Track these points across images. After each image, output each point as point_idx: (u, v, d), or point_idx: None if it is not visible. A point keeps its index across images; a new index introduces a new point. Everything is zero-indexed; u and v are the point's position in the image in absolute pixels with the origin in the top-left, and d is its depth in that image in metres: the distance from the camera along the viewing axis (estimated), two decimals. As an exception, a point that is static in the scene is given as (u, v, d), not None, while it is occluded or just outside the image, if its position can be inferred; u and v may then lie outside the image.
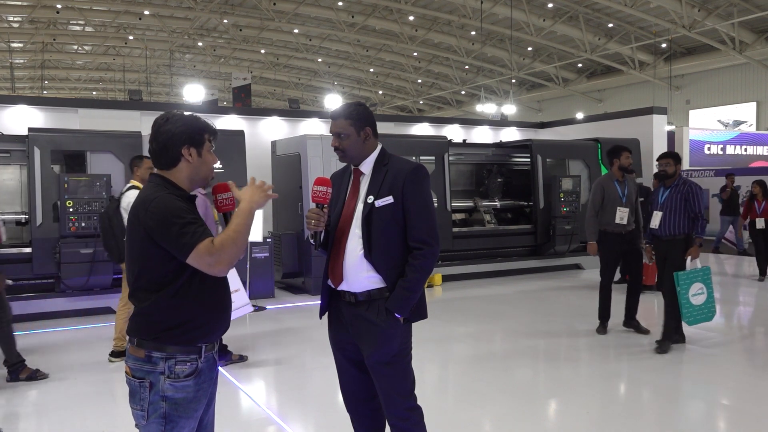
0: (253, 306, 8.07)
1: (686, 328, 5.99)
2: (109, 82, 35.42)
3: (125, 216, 5.29)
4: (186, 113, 2.28)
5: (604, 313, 6.44)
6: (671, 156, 5.88)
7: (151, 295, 2.13)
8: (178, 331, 2.13)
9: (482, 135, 14.12)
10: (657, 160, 5.92)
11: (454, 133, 13.39)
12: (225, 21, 25.19)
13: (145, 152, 6.78)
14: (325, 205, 2.68)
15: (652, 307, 7.79)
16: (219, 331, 2.26)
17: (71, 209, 7.41)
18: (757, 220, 10.07)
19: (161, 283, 2.10)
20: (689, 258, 5.76)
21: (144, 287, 2.15)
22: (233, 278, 5.22)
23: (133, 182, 5.67)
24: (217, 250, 2.04)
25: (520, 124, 15.43)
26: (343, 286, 2.72)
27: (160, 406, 2.11)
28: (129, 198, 5.10)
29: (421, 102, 39.24)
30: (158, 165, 2.25)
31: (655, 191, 6.04)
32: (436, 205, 9.73)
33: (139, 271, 2.15)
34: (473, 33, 26.15)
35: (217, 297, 2.24)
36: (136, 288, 2.17)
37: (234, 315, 4.87)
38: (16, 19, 25.23)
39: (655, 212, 5.84)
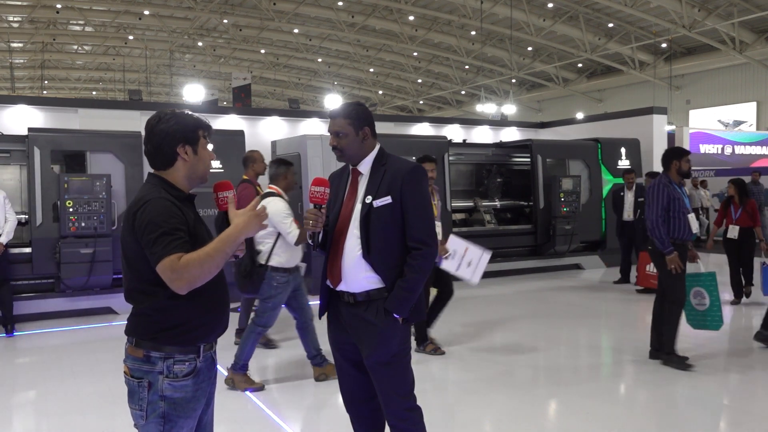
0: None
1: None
2: (109, 82, 35.42)
3: None
4: (177, 111, 2.26)
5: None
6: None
7: (148, 296, 2.13)
8: (176, 332, 2.13)
9: (482, 135, 14.12)
10: (680, 158, 5.36)
11: (454, 133, 13.39)
12: (225, 21, 25.19)
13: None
14: (323, 206, 2.67)
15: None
16: (217, 331, 2.26)
17: (71, 209, 7.41)
18: (730, 227, 7.98)
19: (156, 284, 2.09)
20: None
21: (140, 288, 2.14)
22: (456, 242, 5.31)
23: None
24: (179, 267, 1.96)
25: (520, 124, 15.43)
26: (341, 287, 2.72)
27: (158, 406, 2.11)
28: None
29: (421, 102, 39.24)
30: (154, 165, 2.24)
31: (673, 192, 5.25)
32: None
33: (133, 272, 2.15)
34: (473, 33, 26.15)
35: (215, 297, 2.23)
36: (133, 289, 2.17)
37: (481, 267, 5.06)
38: (16, 19, 25.23)
39: (690, 215, 5.30)
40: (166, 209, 2.08)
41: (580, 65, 29.82)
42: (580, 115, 20.13)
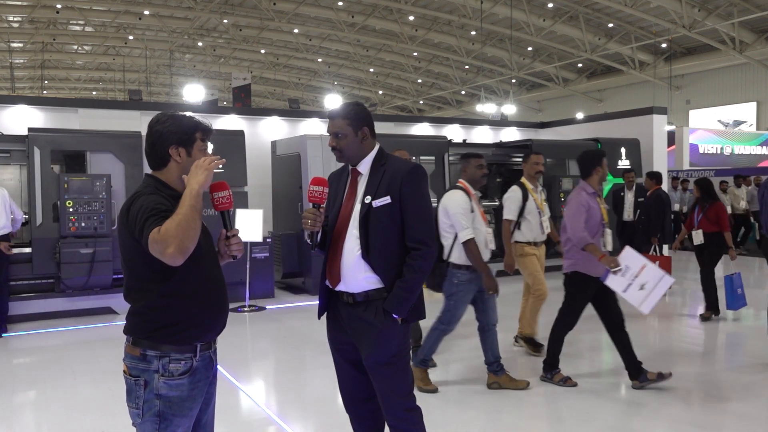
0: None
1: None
2: (109, 82, 35.42)
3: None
4: (180, 113, 2.27)
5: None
6: None
7: (144, 294, 2.14)
8: (171, 330, 2.14)
9: (482, 135, 14.11)
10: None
11: (454, 133, 13.39)
12: (225, 21, 25.19)
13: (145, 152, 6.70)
14: (322, 205, 2.67)
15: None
16: (214, 330, 2.26)
17: (71, 209, 7.41)
18: (693, 233, 7.21)
19: (151, 282, 2.10)
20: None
21: (137, 287, 2.16)
22: (632, 256, 4.49)
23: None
24: (161, 236, 1.95)
25: (520, 124, 15.43)
26: (340, 287, 2.72)
27: (154, 404, 2.12)
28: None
29: (421, 102, 39.24)
30: (150, 165, 2.27)
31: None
32: (435, 205, 9.74)
33: (129, 270, 2.17)
34: (473, 33, 26.15)
35: (212, 296, 2.24)
36: (130, 287, 2.18)
37: (656, 294, 4.36)
38: (16, 19, 25.23)
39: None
40: (154, 199, 2.10)
41: (580, 65, 29.82)
42: (580, 115, 20.13)
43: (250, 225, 7.76)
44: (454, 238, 4.55)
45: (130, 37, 27.71)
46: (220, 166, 2.18)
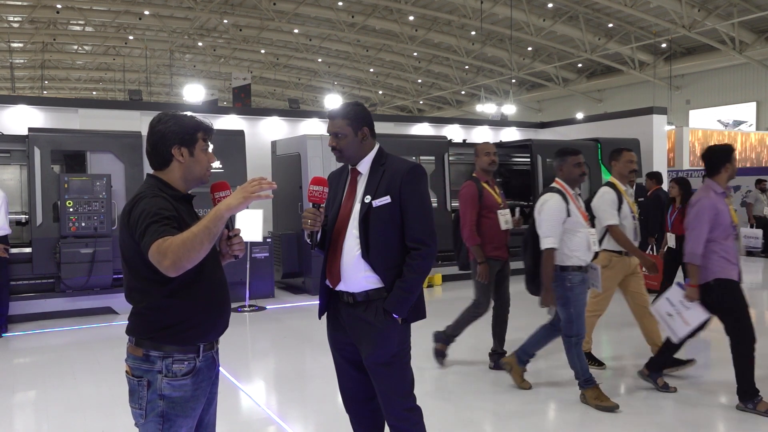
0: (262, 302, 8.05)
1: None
2: (109, 82, 35.41)
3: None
4: (181, 113, 2.27)
5: None
6: None
7: (145, 294, 2.14)
8: (174, 330, 2.14)
9: (482, 135, 14.11)
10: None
11: (454, 133, 13.39)
12: (225, 21, 25.19)
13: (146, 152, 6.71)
14: (322, 205, 2.67)
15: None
16: (216, 330, 2.26)
17: (71, 209, 7.41)
18: (667, 235, 6.95)
19: (153, 283, 2.10)
20: None
21: (138, 287, 2.16)
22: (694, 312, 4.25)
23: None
24: (164, 248, 1.92)
25: (520, 124, 15.43)
26: (340, 287, 2.72)
27: (157, 405, 2.12)
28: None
29: (421, 102, 39.24)
30: (152, 165, 2.26)
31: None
32: (435, 205, 9.77)
33: (131, 271, 2.16)
34: (473, 33, 26.15)
35: (213, 297, 2.23)
36: (131, 288, 2.18)
37: (684, 329, 4.19)
38: (16, 19, 25.22)
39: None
40: (157, 203, 2.09)
41: (580, 65, 29.82)
42: (580, 115, 20.12)
43: (251, 225, 7.76)
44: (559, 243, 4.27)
45: (130, 37, 27.70)
46: (220, 166, 2.17)
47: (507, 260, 5.29)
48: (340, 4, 23.95)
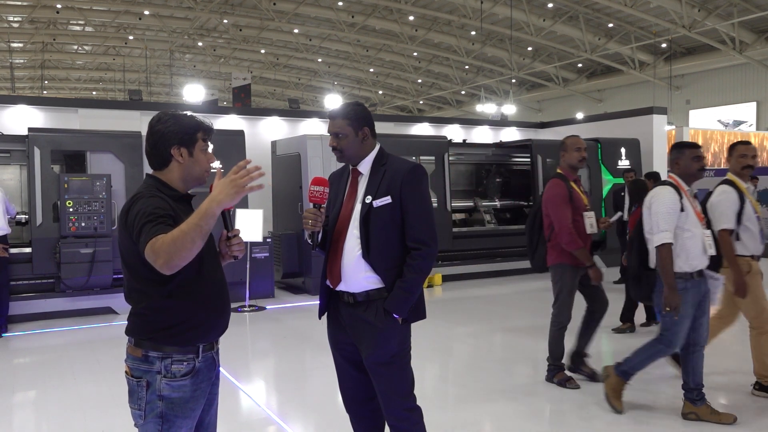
0: (254, 306, 8.07)
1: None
2: (109, 82, 35.40)
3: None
4: (180, 112, 2.25)
5: None
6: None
7: (145, 295, 2.13)
8: (174, 331, 2.13)
9: (482, 135, 14.12)
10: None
11: (454, 133, 13.40)
12: (225, 21, 25.19)
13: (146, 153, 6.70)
14: (323, 205, 2.67)
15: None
16: (216, 331, 2.25)
17: (71, 209, 7.42)
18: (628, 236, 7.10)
19: (152, 283, 2.09)
20: None
21: (138, 288, 2.15)
22: None
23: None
24: (156, 247, 1.91)
25: (520, 124, 15.43)
26: (341, 287, 2.72)
27: (156, 406, 2.11)
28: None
29: (421, 102, 39.23)
30: (151, 165, 2.25)
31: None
32: (435, 205, 9.77)
33: (130, 271, 2.16)
34: (473, 33, 26.14)
35: (214, 297, 2.23)
36: (131, 288, 2.17)
37: None
38: (16, 19, 25.22)
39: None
40: (153, 203, 2.08)
41: (580, 65, 29.82)
42: (580, 115, 20.13)
43: (250, 225, 7.77)
44: None
45: (130, 37, 27.70)
46: (220, 166, 2.16)
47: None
48: (340, 4, 23.95)
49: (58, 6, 23.17)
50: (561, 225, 4.60)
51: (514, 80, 31.86)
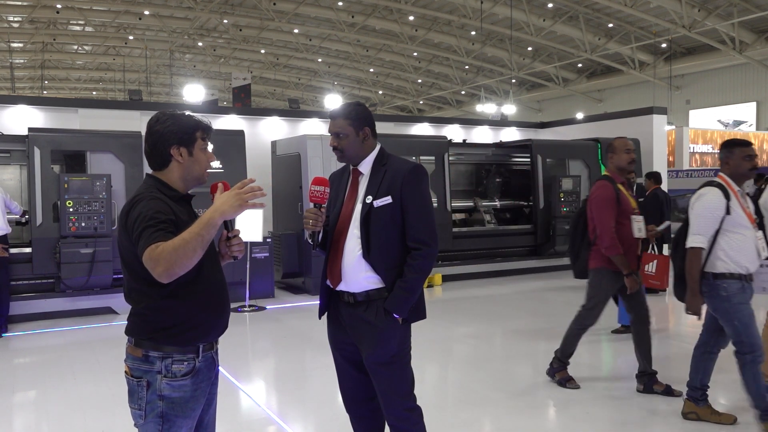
0: (254, 306, 8.07)
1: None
2: (109, 82, 35.41)
3: None
4: (179, 112, 2.25)
5: None
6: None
7: (145, 296, 2.13)
8: (174, 331, 2.13)
9: (482, 135, 14.12)
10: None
11: (454, 133, 13.39)
12: (225, 21, 25.19)
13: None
14: (323, 205, 2.67)
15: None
16: (216, 331, 2.26)
17: (71, 209, 7.42)
18: None
19: (152, 284, 2.08)
20: None
21: (137, 288, 2.15)
22: None
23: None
24: (156, 255, 1.91)
25: (520, 124, 15.43)
26: (341, 287, 2.72)
27: (157, 405, 2.11)
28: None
29: (421, 102, 39.24)
30: (151, 165, 2.25)
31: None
32: (435, 205, 9.77)
33: (130, 272, 2.16)
34: (473, 33, 26.15)
35: (214, 297, 2.23)
36: (131, 289, 2.17)
37: None
38: (16, 19, 25.22)
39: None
40: (154, 206, 2.07)
41: (580, 65, 29.83)
42: (580, 115, 20.13)
43: (250, 225, 7.76)
44: (712, 243, 3.75)
45: (130, 37, 27.70)
46: (220, 166, 2.15)
47: (637, 271, 4.60)
48: (340, 4, 23.95)
49: (58, 6, 23.17)
50: (603, 228, 4.45)
51: (514, 80, 31.86)
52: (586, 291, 4.74)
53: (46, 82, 34.70)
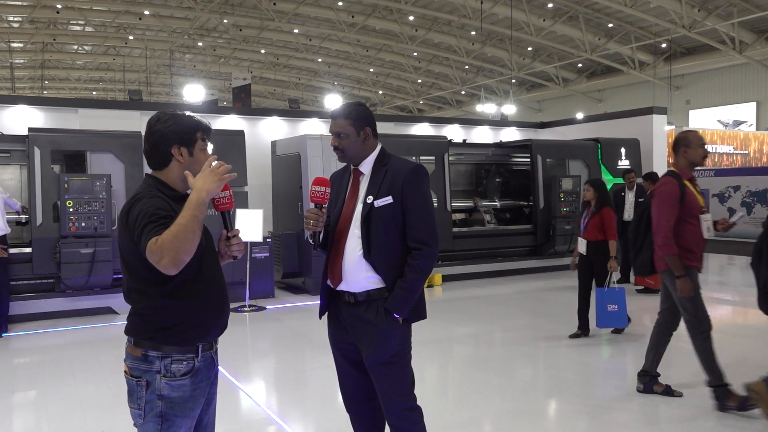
0: (253, 306, 8.07)
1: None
2: (109, 82, 35.41)
3: None
4: (179, 112, 2.26)
5: None
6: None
7: (144, 295, 2.13)
8: (173, 331, 2.13)
9: (482, 135, 14.12)
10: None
11: (454, 133, 13.39)
12: (225, 21, 25.19)
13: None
14: (324, 205, 2.68)
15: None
16: (215, 331, 2.26)
17: (71, 209, 7.41)
18: (579, 240, 6.37)
19: (152, 284, 2.09)
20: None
21: (136, 288, 2.15)
22: None
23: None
24: (158, 247, 1.92)
25: (520, 124, 15.43)
26: (342, 287, 2.72)
27: (156, 405, 2.12)
28: None
29: (421, 102, 39.24)
30: (151, 165, 2.26)
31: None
32: (435, 205, 9.76)
33: (129, 272, 2.16)
34: (473, 33, 26.15)
35: (212, 297, 2.23)
36: (130, 289, 2.18)
37: None
38: (16, 19, 25.22)
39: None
40: (154, 203, 2.08)
41: (580, 65, 29.83)
42: (580, 115, 20.13)
43: (250, 225, 7.76)
44: None
45: (130, 37, 27.70)
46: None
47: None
48: (340, 4, 23.95)
49: (58, 6, 23.18)
50: (658, 224, 4.19)
51: (514, 80, 31.86)
52: (661, 294, 4.46)
53: (46, 82, 34.69)
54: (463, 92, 35.27)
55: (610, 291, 6.02)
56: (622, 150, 11.80)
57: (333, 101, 27.12)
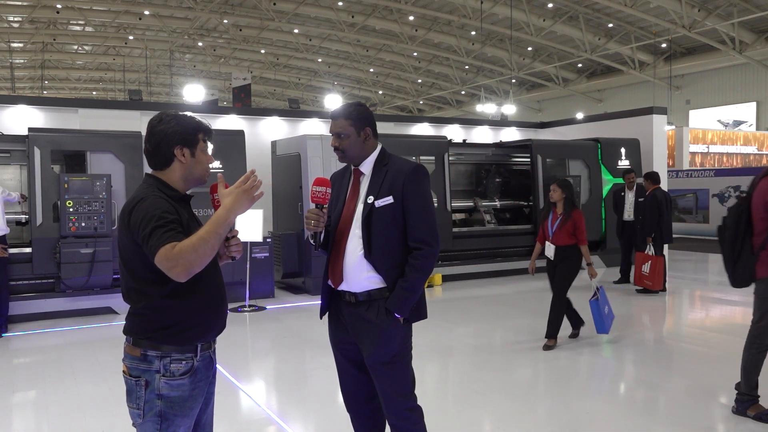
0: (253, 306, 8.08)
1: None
2: (109, 82, 35.42)
3: None
4: (180, 113, 2.27)
5: None
6: None
7: (144, 295, 2.14)
8: (172, 330, 2.14)
9: (482, 135, 14.11)
10: None
11: (454, 133, 13.39)
12: (225, 21, 25.20)
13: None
14: (325, 206, 2.68)
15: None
16: (214, 330, 2.26)
17: (71, 209, 7.41)
18: (546, 245, 5.97)
19: (151, 283, 2.09)
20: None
21: (136, 288, 2.15)
22: None
23: None
24: (174, 255, 1.94)
25: (520, 124, 15.42)
26: (343, 287, 2.72)
27: (155, 405, 2.12)
28: None
29: (421, 102, 39.25)
30: (152, 165, 2.26)
31: None
32: (436, 205, 9.76)
33: (129, 272, 2.16)
34: (473, 33, 26.16)
35: (211, 297, 2.24)
36: (129, 288, 2.18)
37: None
38: (16, 19, 25.23)
39: None
40: (158, 206, 2.08)
41: (580, 65, 29.84)
42: (580, 115, 20.14)
43: (250, 225, 7.76)
44: None
45: (130, 37, 27.71)
46: (220, 166, 2.16)
47: None
48: (340, 4, 23.96)
49: (58, 6, 23.18)
50: (760, 227, 3.87)
51: (514, 80, 31.87)
52: (754, 303, 4.05)
53: (46, 82, 34.71)
54: (463, 92, 35.28)
55: (602, 296, 5.93)
56: (622, 150, 11.79)
57: (333, 101, 27.13)
